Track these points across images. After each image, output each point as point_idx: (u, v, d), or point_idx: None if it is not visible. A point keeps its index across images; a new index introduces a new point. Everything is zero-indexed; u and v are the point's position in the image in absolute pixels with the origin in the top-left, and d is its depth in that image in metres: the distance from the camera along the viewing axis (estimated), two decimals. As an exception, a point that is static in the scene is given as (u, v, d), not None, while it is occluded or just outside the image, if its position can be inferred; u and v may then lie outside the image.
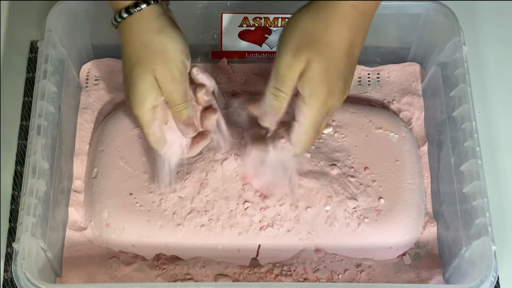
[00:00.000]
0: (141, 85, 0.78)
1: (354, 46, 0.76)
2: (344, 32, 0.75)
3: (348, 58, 0.76)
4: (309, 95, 0.75)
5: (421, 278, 0.87)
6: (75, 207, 0.91)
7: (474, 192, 0.82)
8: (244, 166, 0.86)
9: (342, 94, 0.77)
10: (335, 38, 0.75)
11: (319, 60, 0.74)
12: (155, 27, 0.78)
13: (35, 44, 1.01)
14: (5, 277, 0.88)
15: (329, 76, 0.75)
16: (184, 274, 0.86)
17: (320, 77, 0.75)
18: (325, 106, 0.76)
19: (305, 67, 0.75)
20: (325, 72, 0.75)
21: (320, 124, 0.77)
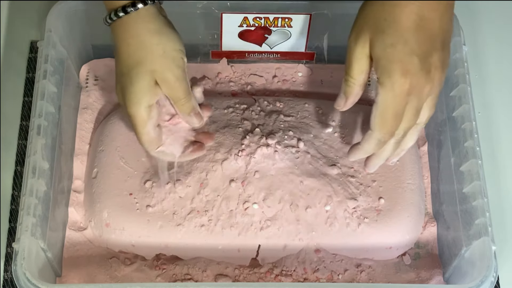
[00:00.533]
0: (140, 84, 0.77)
1: (426, 18, 0.71)
2: (408, 5, 0.71)
3: (419, 32, 0.71)
4: (380, 75, 0.73)
5: (421, 278, 0.87)
6: (75, 207, 0.91)
7: (474, 192, 0.82)
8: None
9: (423, 72, 0.72)
10: (396, 11, 0.71)
11: (380, 37, 0.72)
12: (153, 28, 0.78)
13: (35, 44, 1.01)
14: (5, 277, 0.88)
15: (397, 53, 0.71)
16: (184, 274, 0.86)
17: (385, 54, 0.72)
18: (401, 85, 0.72)
19: (370, 47, 0.73)
20: (390, 48, 0.72)
21: (400, 105, 0.73)
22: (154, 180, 0.88)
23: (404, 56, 0.72)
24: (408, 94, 0.73)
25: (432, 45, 0.72)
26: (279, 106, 0.94)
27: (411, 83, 0.72)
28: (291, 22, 0.95)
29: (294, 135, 0.90)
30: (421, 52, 0.72)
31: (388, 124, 0.75)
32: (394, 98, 0.73)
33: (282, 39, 0.98)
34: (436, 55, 0.73)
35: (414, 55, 0.72)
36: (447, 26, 0.74)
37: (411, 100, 0.73)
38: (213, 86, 1.00)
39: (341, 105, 0.79)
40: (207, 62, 1.01)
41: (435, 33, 0.72)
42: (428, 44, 0.72)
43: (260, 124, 0.90)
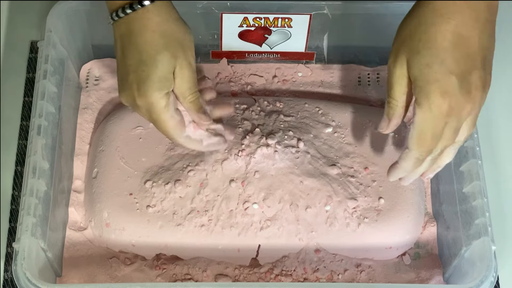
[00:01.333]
0: (165, 68, 0.76)
1: (464, 37, 0.70)
2: (443, 24, 0.70)
3: (456, 51, 0.70)
4: (418, 95, 0.71)
5: (421, 278, 0.87)
6: (75, 207, 0.91)
7: (474, 192, 0.82)
8: None
9: (462, 92, 0.71)
10: (432, 31, 0.70)
11: (416, 57, 0.71)
12: (175, 16, 0.78)
13: (35, 44, 1.01)
14: (5, 277, 0.88)
15: (433, 73, 0.70)
16: (184, 274, 0.86)
17: (422, 74, 0.71)
18: (439, 106, 0.71)
19: (408, 68, 0.72)
20: (426, 68, 0.70)
21: (438, 127, 0.72)
22: (154, 180, 0.88)
23: (442, 76, 0.70)
24: (447, 115, 0.71)
25: (472, 64, 0.71)
26: (279, 106, 0.94)
27: (450, 104, 0.71)
28: (291, 22, 0.95)
29: (294, 135, 0.90)
30: (459, 71, 0.70)
31: (426, 144, 0.74)
32: (432, 120, 0.72)
33: (282, 39, 0.98)
34: (476, 74, 0.71)
35: (452, 74, 0.70)
36: (487, 44, 0.72)
37: (450, 121, 0.72)
38: (213, 86, 1.00)
39: (384, 127, 0.79)
40: (207, 62, 1.01)
41: (474, 52, 0.71)
42: (466, 63, 0.71)
43: (260, 124, 0.90)
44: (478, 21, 0.71)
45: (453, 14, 0.70)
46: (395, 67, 0.73)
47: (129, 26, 0.77)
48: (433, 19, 0.71)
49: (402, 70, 0.73)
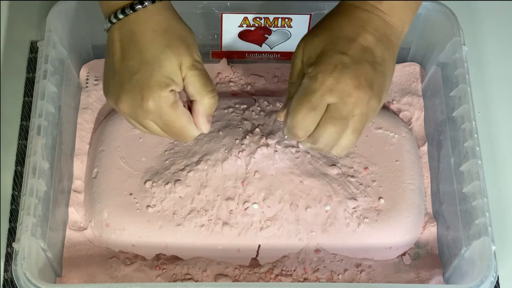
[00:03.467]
0: (169, 66, 0.74)
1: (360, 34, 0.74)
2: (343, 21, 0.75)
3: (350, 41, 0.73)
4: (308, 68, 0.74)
5: (421, 278, 0.87)
6: (75, 207, 0.91)
7: (474, 192, 0.82)
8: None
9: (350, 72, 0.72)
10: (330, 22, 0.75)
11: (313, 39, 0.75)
12: (175, 16, 0.77)
13: (35, 44, 1.01)
14: (5, 277, 0.88)
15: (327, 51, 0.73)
16: (184, 274, 0.86)
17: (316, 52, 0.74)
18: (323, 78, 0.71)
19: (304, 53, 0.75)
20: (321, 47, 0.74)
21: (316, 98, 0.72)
22: (154, 180, 0.88)
23: (334, 53, 0.73)
24: (330, 89, 0.71)
25: (364, 58, 0.73)
26: (279, 106, 0.94)
27: (336, 78, 0.71)
28: (291, 22, 0.95)
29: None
30: (351, 55, 0.72)
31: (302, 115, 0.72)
32: (314, 89, 0.72)
33: (282, 39, 0.98)
34: (367, 68, 0.72)
35: (344, 55, 0.72)
36: (381, 53, 0.74)
37: (332, 101, 0.72)
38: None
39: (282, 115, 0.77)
40: (207, 62, 1.01)
41: (368, 50, 0.73)
42: (360, 54, 0.73)
43: (260, 124, 0.90)
44: (377, 31, 0.74)
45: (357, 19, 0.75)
46: (295, 54, 0.76)
47: (130, 27, 0.75)
48: (338, 16, 0.75)
49: (299, 56, 0.75)
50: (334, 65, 0.72)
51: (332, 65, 0.72)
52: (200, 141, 0.90)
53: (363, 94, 0.72)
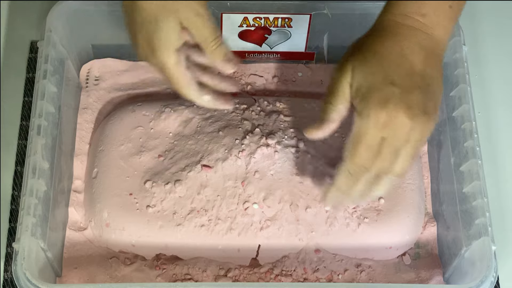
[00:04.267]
0: (167, 26, 0.76)
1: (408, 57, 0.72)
2: (392, 42, 0.73)
3: (400, 68, 0.72)
4: (359, 103, 0.72)
5: (421, 278, 0.87)
6: (75, 207, 0.91)
7: (474, 192, 0.82)
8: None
9: (402, 105, 0.71)
10: (381, 46, 0.73)
11: (362, 65, 0.72)
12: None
13: (35, 44, 1.01)
14: (5, 277, 0.88)
15: (377, 82, 0.71)
16: (184, 274, 0.86)
17: (365, 82, 0.72)
18: (378, 114, 0.71)
19: (351, 77, 0.73)
20: (370, 75, 0.72)
21: (374, 137, 0.72)
22: (154, 180, 0.88)
23: (384, 86, 0.71)
24: (385, 126, 0.71)
25: (414, 84, 0.72)
26: (279, 106, 0.94)
27: (389, 113, 0.71)
28: (291, 22, 0.95)
29: (294, 135, 0.90)
30: (402, 85, 0.71)
31: (360, 156, 0.73)
32: (369, 129, 0.72)
33: (282, 39, 0.98)
34: (418, 94, 0.71)
35: (394, 86, 0.71)
36: (431, 73, 0.73)
37: (388, 135, 0.72)
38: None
39: (312, 132, 0.78)
40: (207, 62, 1.01)
41: (417, 74, 0.72)
42: (409, 80, 0.72)
43: (260, 124, 0.90)
44: (423, 49, 0.73)
45: (402, 37, 0.73)
46: (340, 74, 0.74)
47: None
48: (383, 36, 0.74)
49: (346, 78, 0.73)
50: (385, 99, 0.71)
51: (383, 100, 0.71)
52: (200, 141, 0.90)
53: (417, 123, 0.72)
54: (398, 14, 0.74)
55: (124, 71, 1.01)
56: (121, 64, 1.01)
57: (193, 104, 0.93)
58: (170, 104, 0.94)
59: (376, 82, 0.71)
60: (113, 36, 0.99)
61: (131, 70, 1.01)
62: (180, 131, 0.92)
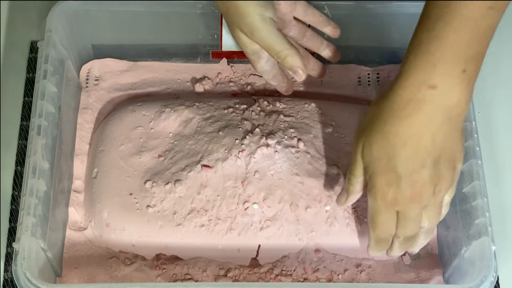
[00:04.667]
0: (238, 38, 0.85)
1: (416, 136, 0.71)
2: (397, 121, 0.71)
3: (405, 149, 0.71)
4: (368, 181, 0.76)
5: (421, 278, 0.87)
6: (75, 207, 0.91)
7: (474, 192, 0.82)
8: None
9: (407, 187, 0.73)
10: (385, 128, 0.72)
11: (369, 148, 0.74)
12: None
13: (35, 44, 1.01)
14: (5, 277, 0.88)
15: (381, 167, 0.73)
16: (184, 274, 0.86)
17: (371, 165, 0.74)
18: (384, 197, 0.74)
19: (361, 155, 0.75)
20: (376, 160, 0.74)
21: (385, 214, 0.75)
22: (154, 180, 0.88)
23: (388, 171, 0.73)
24: (393, 204, 0.74)
25: (420, 163, 0.72)
26: (279, 106, 0.94)
27: (394, 196, 0.73)
28: (291, 22, 0.95)
29: (294, 135, 0.90)
30: (405, 169, 0.72)
31: (379, 228, 0.77)
32: (379, 207, 0.75)
33: (282, 39, 0.98)
34: (424, 172, 0.72)
35: (397, 171, 0.72)
36: (442, 144, 0.72)
37: (400, 210, 0.75)
38: (213, 86, 1.00)
39: (342, 201, 0.82)
40: (207, 62, 1.01)
41: (424, 151, 0.72)
42: (414, 161, 0.72)
43: (260, 124, 0.90)
44: (433, 121, 0.71)
45: (409, 112, 0.71)
46: (355, 151, 0.76)
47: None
48: (389, 115, 0.72)
49: (360, 154, 0.76)
50: (389, 184, 0.73)
51: (387, 184, 0.73)
52: (200, 141, 0.90)
53: (427, 201, 0.74)
54: (407, 88, 0.71)
55: (124, 71, 1.01)
56: (121, 64, 1.01)
57: (193, 104, 0.93)
58: (170, 104, 0.94)
59: (381, 167, 0.73)
60: (113, 36, 0.99)
61: (131, 70, 1.01)
62: (180, 131, 0.92)
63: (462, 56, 0.69)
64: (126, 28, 0.98)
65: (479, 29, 0.69)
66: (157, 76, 1.01)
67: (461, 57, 0.69)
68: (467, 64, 0.70)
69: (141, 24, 0.97)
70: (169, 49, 1.01)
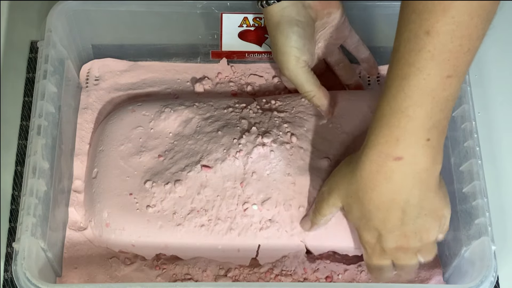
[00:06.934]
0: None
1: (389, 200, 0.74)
2: (370, 188, 0.74)
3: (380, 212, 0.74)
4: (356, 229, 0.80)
5: (421, 278, 0.87)
6: (75, 207, 0.91)
7: (474, 192, 0.82)
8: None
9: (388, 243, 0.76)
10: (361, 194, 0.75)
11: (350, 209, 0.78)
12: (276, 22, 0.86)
13: (35, 44, 1.01)
14: (5, 277, 0.88)
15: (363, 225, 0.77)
16: (184, 274, 0.86)
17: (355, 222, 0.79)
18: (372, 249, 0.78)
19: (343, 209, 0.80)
20: (357, 220, 0.78)
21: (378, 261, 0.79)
22: (154, 180, 0.88)
23: (369, 229, 0.77)
24: (383, 254, 0.78)
25: (398, 222, 0.75)
26: (275, 104, 0.93)
27: (382, 249, 0.77)
28: (291, 22, 0.95)
29: (287, 130, 0.89)
30: (384, 227, 0.76)
31: (376, 271, 0.81)
32: (370, 256, 0.80)
33: (282, 39, 0.98)
34: (406, 228, 0.75)
35: (376, 230, 0.76)
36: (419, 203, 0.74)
37: (392, 258, 0.78)
38: (213, 86, 1.00)
39: (306, 228, 0.85)
40: (207, 62, 1.01)
41: (398, 211, 0.74)
42: (392, 221, 0.75)
43: (256, 123, 0.90)
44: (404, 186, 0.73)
45: (378, 182, 0.73)
46: (329, 198, 0.80)
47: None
48: (360, 183, 0.75)
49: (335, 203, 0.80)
50: (374, 237, 0.77)
51: (373, 237, 0.77)
52: (200, 141, 0.90)
53: (413, 245, 0.77)
54: (373, 161, 0.73)
55: (124, 71, 1.01)
56: (121, 64, 1.01)
57: (193, 104, 0.93)
58: (170, 104, 0.94)
59: (362, 225, 0.78)
60: (113, 36, 0.99)
61: (131, 70, 1.01)
62: (180, 131, 0.92)
63: (425, 126, 0.70)
64: (126, 28, 0.98)
65: (439, 99, 0.69)
66: (157, 76, 1.01)
67: (424, 128, 0.70)
68: (431, 133, 0.71)
69: (141, 24, 0.97)
70: (169, 49, 1.01)
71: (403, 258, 0.78)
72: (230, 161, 0.87)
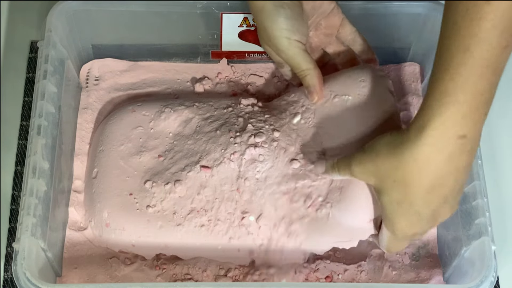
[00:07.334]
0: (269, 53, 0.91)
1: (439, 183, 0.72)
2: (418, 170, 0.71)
3: (428, 195, 0.72)
4: (385, 219, 0.78)
5: (421, 278, 0.87)
6: (75, 207, 0.91)
7: (474, 192, 0.82)
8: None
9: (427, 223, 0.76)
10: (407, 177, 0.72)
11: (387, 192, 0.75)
12: (260, 6, 0.85)
13: (35, 44, 1.02)
14: (5, 277, 0.88)
15: (402, 209, 0.75)
16: (184, 274, 0.86)
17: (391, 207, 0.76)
18: (404, 234, 0.77)
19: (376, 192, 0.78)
20: (396, 204, 0.75)
21: (403, 245, 0.82)
22: (154, 180, 0.88)
23: (409, 213, 0.75)
24: (411, 237, 0.78)
25: (442, 202, 0.74)
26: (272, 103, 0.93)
27: (414, 232, 0.77)
28: (291, 22, 0.95)
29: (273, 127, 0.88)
30: (427, 210, 0.74)
31: (394, 250, 0.83)
32: (396, 239, 0.79)
33: (282, 39, 0.98)
34: (445, 208, 0.74)
35: (419, 213, 0.74)
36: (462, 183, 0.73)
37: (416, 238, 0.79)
38: (213, 86, 1.01)
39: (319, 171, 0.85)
40: (207, 62, 1.01)
41: (446, 193, 0.73)
42: (437, 202, 0.73)
43: (252, 121, 0.89)
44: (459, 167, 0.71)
45: (429, 162, 0.71)
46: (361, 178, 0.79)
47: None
48: (409, 165, 0.72)
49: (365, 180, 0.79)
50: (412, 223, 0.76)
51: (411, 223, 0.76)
52: (199, 141, 0.90)
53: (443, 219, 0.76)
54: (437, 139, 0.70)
55: (124, 71, 1.01)
56: (121, 64, 1.01)
57: (193, 104, 0.93)
58: (170, 104, 0.94)
59: (401, 209, 0.75)
60: (113, 36, 0.99)
61: (131, 70, 1.01)
62: (180, 131, 0.92)
63: (488, 101, 0.70)
64: (126, 28, 0.98)
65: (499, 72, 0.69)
66: (157, 76, 1.01)
67: (486, 102, 0.69)
68: (488, 107, 0.70)
69: (141, 24, 0.97)
70: (169, 49, 1.01)
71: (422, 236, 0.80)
72: (225, 164, 0.87)
